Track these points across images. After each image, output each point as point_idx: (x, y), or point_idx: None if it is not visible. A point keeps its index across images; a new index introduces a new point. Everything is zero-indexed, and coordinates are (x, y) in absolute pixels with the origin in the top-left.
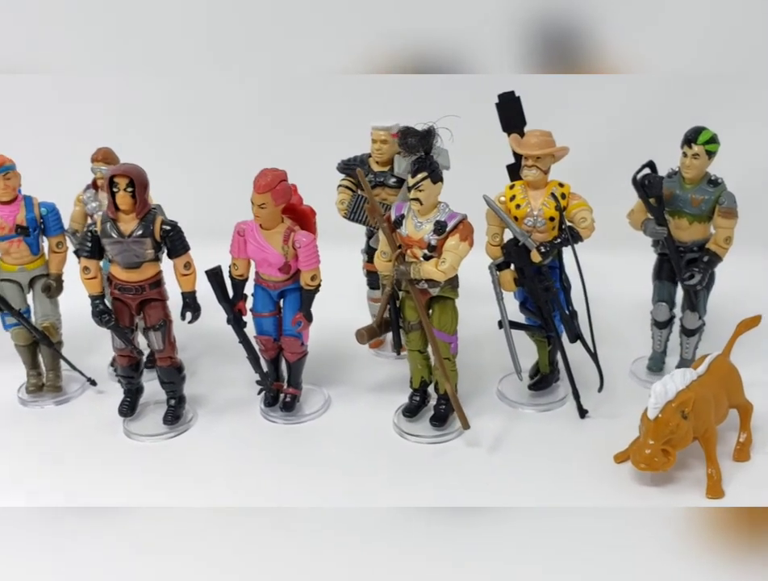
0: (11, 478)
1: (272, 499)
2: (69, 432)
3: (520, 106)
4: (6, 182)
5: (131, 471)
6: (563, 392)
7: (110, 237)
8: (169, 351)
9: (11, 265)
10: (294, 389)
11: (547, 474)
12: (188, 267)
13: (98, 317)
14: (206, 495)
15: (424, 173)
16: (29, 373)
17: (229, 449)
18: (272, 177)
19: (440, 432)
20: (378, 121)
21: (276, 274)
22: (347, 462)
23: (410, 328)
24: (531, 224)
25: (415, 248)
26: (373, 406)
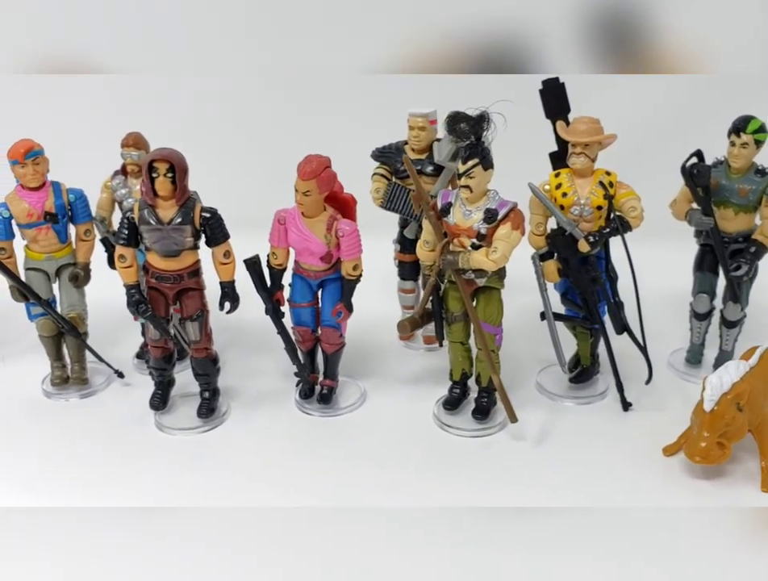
0: (40, 475)
1: (316, 496)
2: (98, 425)
3: (565, 92)
4: (35, 168)
5: (165, 466)
6: (603, 385)
7: (149, 224)
8: (205, 342)
9: (38, 254)
10: (331, 381)
11: (596, 470)
12: (227, 256)
13: (134, 307)
14: (245, 490)
15: (476, 159)
16: (53, 365)
17: (266, 442)
18: (317, 164)
19: (482, 426)
20: (416, 108)
21: (317, 264)
22: (389, 457)
23: (453, 319)
24: (577, 213)
25: (462, 237)
26: (409, 399)
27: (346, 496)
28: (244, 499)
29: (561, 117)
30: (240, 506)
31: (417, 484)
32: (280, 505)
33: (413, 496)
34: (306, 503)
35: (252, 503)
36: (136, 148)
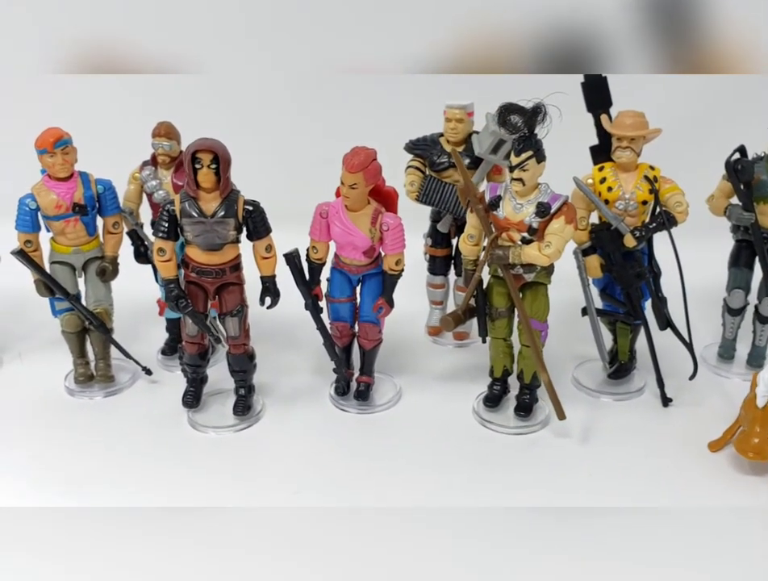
0: (76, 475)
1: (359, 495)
2: (129, 424)
3: (607, 86)
4: (64, 157)
5: (204, 465)
6: (640, 381)
7: (191, 217)
8: (243, 338)
9: (66, 247)
10: (367, 377)
11: (643, 468)
12: (269, 250)
13: (173, 302)
14: (287, 489)
15: (529, 152)
16: (77, 362)
17: (304, 440)
18: (364, 156)
19: (524, 423)
20: (453, 99)
21: (359, 258)
22: (430, 455)
23: (497, 315)
24: (622, 208)
25: (512, 232)
26: (445, 395)
27: (390, 495)
28: (286, 498)
29: (603, 111)
30: (282, 506)
31: (462, 483)
32: (324, 505)
33: (458, 495)
34: (349, 503)
35: (296, 502)
36: (168, 138)
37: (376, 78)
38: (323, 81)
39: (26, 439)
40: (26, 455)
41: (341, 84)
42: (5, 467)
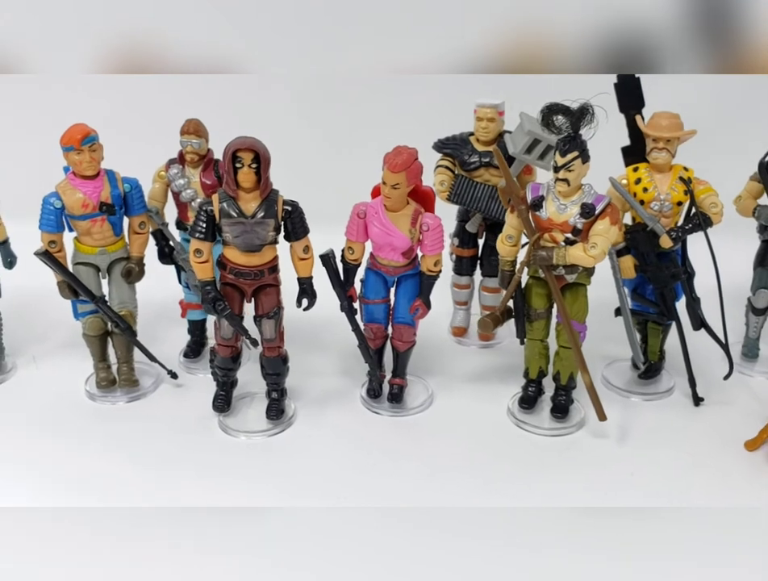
0: (109, 482)
1: (400, 498)
2: (158, 428)
3: (640, 87)
4: (91, 155)
5: (239, 471)
6: (668, 381)
7: (231, 217)
8: (278, 341)
9: (91, 247)
10: (401, 379)
11: (682, 468)
12: (307, 251)
13: (210, 304)
14: (325, 493)
15: (575, 152)
16: (98, 366)
17: (338, 443)
18: (407, 156)
19: (561, 425)
20: (484, 98)
21: (398, 259)
22: (468, 456)
23: (535, 316)
24: (657, 209)
25: (555, 232)
26: (477, 397)
27: (432, 496)
28: (327, 500)
29: (635, 111)
30: (324, 506)
31: (502, 484)
32: (366, 505)
33: (499, 496)
34: (390, 504)
35: (338, 503)
36: (197, 135)
37: (404, 78)
38: (355, 81)
39: (51, 445)
40: (52, 461)
41: (373, 84)
42: (34, 475)
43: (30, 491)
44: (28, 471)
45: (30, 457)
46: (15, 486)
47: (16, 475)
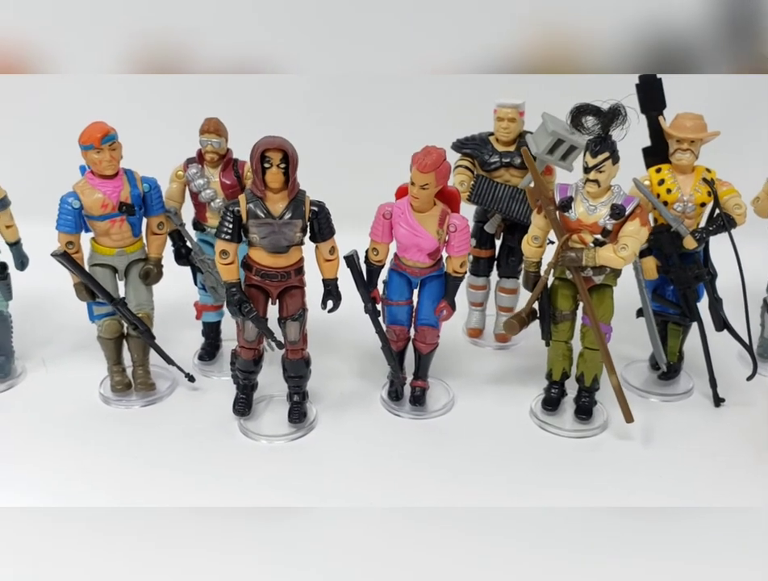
0: (139, 483)
1: (428, 499)
2: (177, 432)
3: (661, 88)
4: (111, 154)
5: (263, 473)
6: (687, 382)
7: (258, 218)
8: (302, 343)
9: (109, 248)
10: (423, 381)
11: (712, 468)
12: (332, 252)
13: (236, 306)
14: (352, 495)
15: (606, 153)
16: (113, 369)
17: (362, 446)
18: (436, 156)
19: (584, 426)
20: (505, 98)
21: (424, 260)
22: (492, 457)
23: (561, 317)
24: (680, 210)
25: (584, 233)
26: (497, 399)
27: (455, 497)
28: (354, 501)
29: (657, 113)
30: (352, 506)
31: (530, 485)
32: (393, 505)
33: (528, 497)
34: (419, 504)
35: (366, 503)
36: (217, 134)
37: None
38: (376, 81)
39: (69, 448)
40: (71, 466)
41: (395, 84)
42: (53, 477)
43: (49, 494)
44: (46, 473)
45: (48, 459)
46: (34, 488)
47: (33, 478)
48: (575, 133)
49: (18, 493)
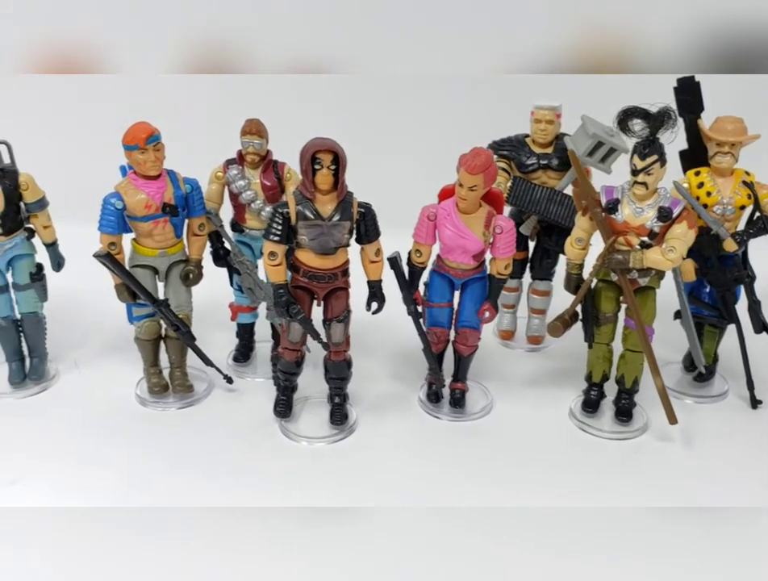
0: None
1: (472, 500)
2: (218, 434)
3: (699, 91)
4: (155, 154)
5: (309, 476)
6: (721, 384)
7: (308, 219)
8: (345, 345)
9: (151, 250)
10: (462, 384)
11: (754, 469)
12: (378, 254)
13: (283, 308)
14: (398, 495)
15: (655, 156)
16: (150, 371)
17: (404, 448)
18: (485, 157)
19: (625, 428)
20: (542, 100)
21: (468, 262)
22: (536, 459)
23: (604, 319)
24: (719, 213)
25: (630, 236)
26: (535, 401)
27: (501, 498)
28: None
29: (694, 116)
30: (399, 506)
31: (578, 486)
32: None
33: (577, 498)
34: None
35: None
36: (259, 135)
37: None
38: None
39: (108, 451)
40: (112, 467)
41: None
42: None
43: (90, 496)
44: (88, 474)
45: (87, 461)
46: (74, 489)
47: (75, 479)
48: (615, 135)
49: (59, 495)
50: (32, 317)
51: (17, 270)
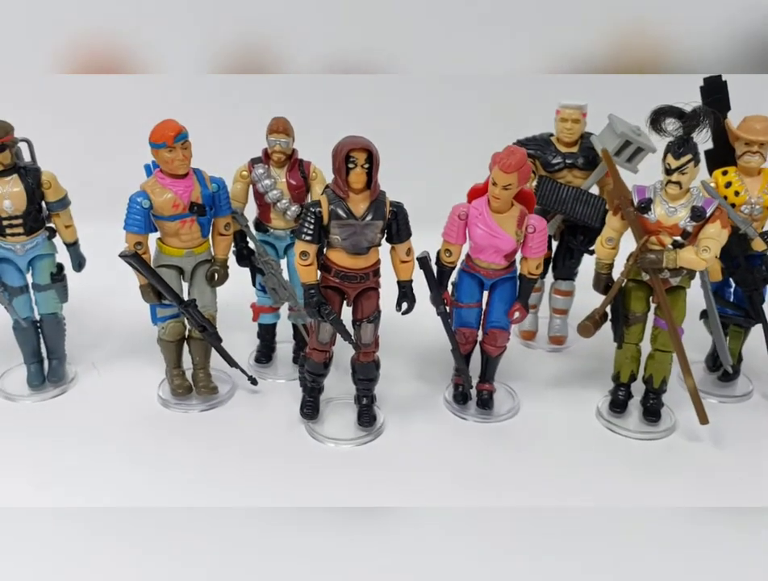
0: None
1: (507, 500)
2: (246, 437)
3: (726, 91)
4: (183, 152)
5: (341, 477)
6: (746, 384)
7: (341, 219)
8: (374, 346)
9: (177, 249)
10: (490, 385)
11: None
12: (409, 254)
13: (315, 308)
14: (432, 495)
15: (690, 155)
16: (173, 373)
17: (433, 449)
18: (520, 155)
19: (653, 428)
20: (568, 99)
21: (500, 262)
22: (567, 459)
23: (634, 319)
24: (747, 212)
25: (662, 235)
26: (562, 402)
27: (538, 499)
28: (436, 500)
29: (722, 115)
30: (433, 506)
31: (613, 486)
32: (482, 505)
33: (606, 496)
34: (499, 503)
35: (452, 503)
36: (286, 134)
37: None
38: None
39: (134, 453)
40: (140, 469)
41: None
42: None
43: (119, 497)
44: (115, 475)
45: (112, 463)
46: (99, 490)
47: (97, 480)
48: (641, 135)
49: (84, 498)
50: (52, 318)
51: (37, 271)
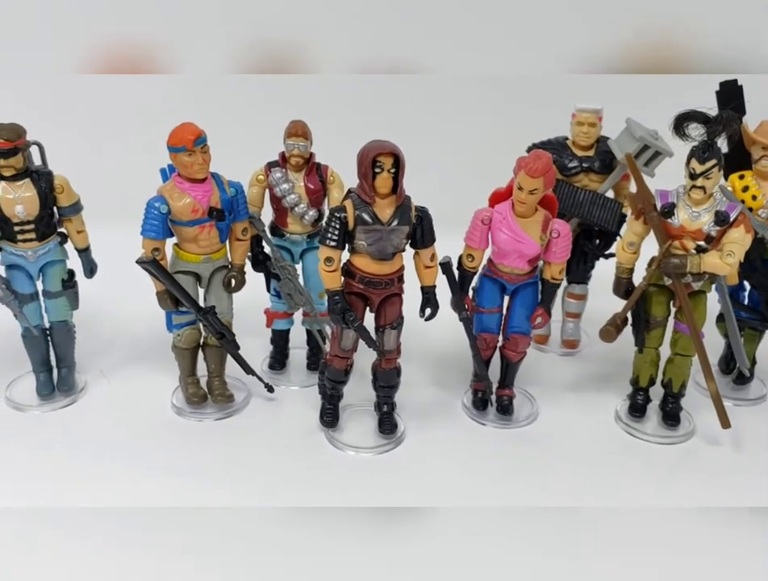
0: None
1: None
2: (266, 445)
3: (742, 94)
4: (203, 156)
5: (358, 485)
6: (759, 387)
7: (367, 224)
8: (396, 353)
9: (195, 255)
10: (510, 390)
11: None
12: (433, 259)
13: (339, 315)
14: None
15: (714, 160)
16: (188, 381)
17: (455, 456)
18: (546, 160)
19: (672, 432)
20: (584, 103)
21: (523, 266)
22: (589, 463)
23: (655, 324)
24: (764, 216)
25: (685, 240)
26: (580, 406)
27: (559, 500)
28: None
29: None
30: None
31: (640, 488)
32: (505, 505)
33: (625, 499)
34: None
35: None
36: (304, 138)
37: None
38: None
39: (150, 463)
40: (158, 482)
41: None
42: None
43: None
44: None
45: (127, 472)
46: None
47: (112, 486)
48: (658, 139)
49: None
50: (62, 326)
51: (48, 277)
